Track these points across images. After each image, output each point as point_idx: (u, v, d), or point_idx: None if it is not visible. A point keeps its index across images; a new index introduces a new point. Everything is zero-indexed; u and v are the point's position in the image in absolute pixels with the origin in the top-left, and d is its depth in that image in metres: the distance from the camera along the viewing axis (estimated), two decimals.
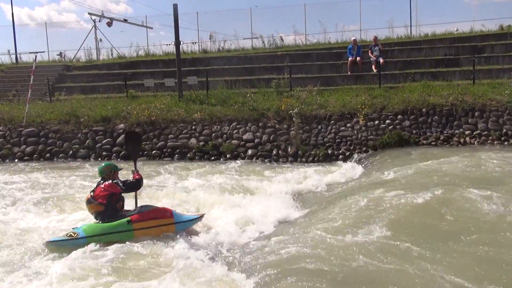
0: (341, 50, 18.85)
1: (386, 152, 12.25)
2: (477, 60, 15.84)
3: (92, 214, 6.38)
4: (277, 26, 32.57)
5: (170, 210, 6.61)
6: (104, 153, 14.36)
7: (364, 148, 12.90)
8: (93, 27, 24.52)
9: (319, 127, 13.64)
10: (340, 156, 12.83)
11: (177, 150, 14.00)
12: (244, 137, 13.88)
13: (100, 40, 24.88)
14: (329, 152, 12.99)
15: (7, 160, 14.53)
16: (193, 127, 14.46)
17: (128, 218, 6.15)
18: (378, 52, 17.09)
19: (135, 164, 7.06)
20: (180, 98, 16.36)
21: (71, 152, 14.51)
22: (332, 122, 13.62)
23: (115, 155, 14.23)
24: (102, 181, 6.38)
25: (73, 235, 5.97)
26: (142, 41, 32.42)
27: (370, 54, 17.23)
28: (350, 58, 17.25)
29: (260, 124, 14.05)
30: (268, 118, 14.17)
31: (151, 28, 26.69)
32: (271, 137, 13.69)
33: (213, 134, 14.15)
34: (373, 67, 16.83)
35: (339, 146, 13.13)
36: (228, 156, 13.48)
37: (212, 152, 13.67)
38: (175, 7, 16.63)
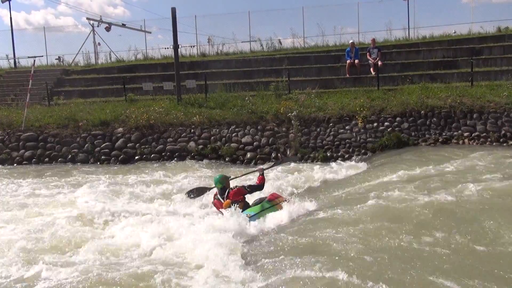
0: (339, 52, 18.85)
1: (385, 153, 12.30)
2: (475, 62, 15.84)
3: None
4: (275, 29, 32.76)
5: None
6: (103, 157, 14.33)
7: (363, 151, 12.92)
8: (92, 32, 24.58)
9: (318, 129, 13.64)
10: (339, 159, 12.84)
11: (176, 154, 13.97)
12: (243, 140, 13.88)
13: (99, 44, 24.97)
14: (328, 154, 13.00)
15: (6, 164, 14.49)
16: (192, 130, 14.45)
17: (266, 200, 7.85)
18: (376, 54, 17.11)
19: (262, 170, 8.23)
20: (178, 101, 16.36)
21: (70, 156, 14.48)
22: (331, 124, 13.63)
23: (113, 159, 14.22)
24: (229, 189, 7.73)
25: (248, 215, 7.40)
26: (140, 44, 32.58)
27: (368, 56, 17.26)
28: (348, 61, 17.25)
29: (259, 127, 14.05)
30: (266, 121, 14.17)
31: (150, 32, 26.76)
32: (270, 140, 13.68)
33: (212, 138, 14.14)
34: (371, 69, 16.85)
35: (338, 148, 13.14)
36: (227, 159, 13.48)
37: (211, 155, 13.65)
38: (173, 10, 16.65)
